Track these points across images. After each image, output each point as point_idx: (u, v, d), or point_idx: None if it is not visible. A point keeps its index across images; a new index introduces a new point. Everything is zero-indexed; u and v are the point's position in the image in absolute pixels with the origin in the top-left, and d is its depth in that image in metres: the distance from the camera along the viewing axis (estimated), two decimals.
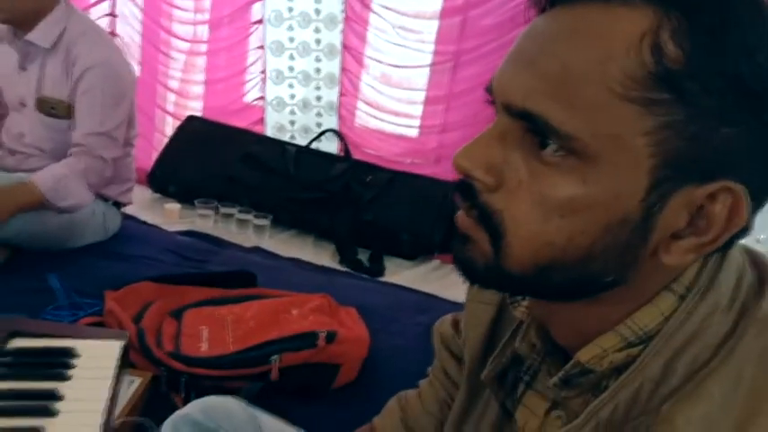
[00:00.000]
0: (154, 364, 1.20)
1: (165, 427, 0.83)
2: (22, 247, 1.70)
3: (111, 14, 2.78)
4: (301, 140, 2.62)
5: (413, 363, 1.02)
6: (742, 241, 0.46)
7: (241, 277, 1.61)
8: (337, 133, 2.58)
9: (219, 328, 1.33)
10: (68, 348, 0.90)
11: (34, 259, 1.69)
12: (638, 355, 0.45)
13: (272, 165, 2.38)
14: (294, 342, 1.26)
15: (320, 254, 2.21)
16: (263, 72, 2.66)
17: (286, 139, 2.65)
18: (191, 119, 2.60)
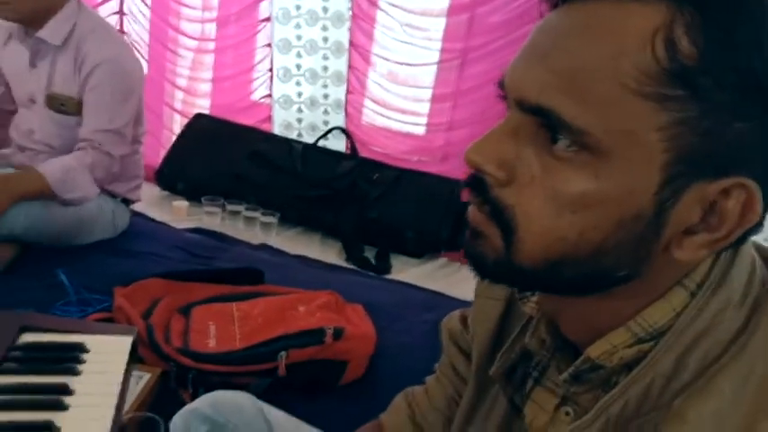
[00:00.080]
0: (162, 359, 1.20)
1: (175, 422, 0.84)
2: (31, 244, 1.71)
3: (120, 12, 2.79)
4: (308, 138, 2.62)
5: (419, 360, 1.02)
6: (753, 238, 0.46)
7: (249, 274, 1.61)
8: (344, 131, 2.58)
9: (227, 324, 1.34)
10: (78, 343, 0.91)
11: (43, 256, 1.70)
12: (650, 351, 0.45)
13: (279, 162, 2.38)
14: (301, 338, 1.26)
15: (327, 251, 2.21)
16: (270, 70, 2.67)
17: (293, 136, 2.65)
18: (198, 116, 2.61)
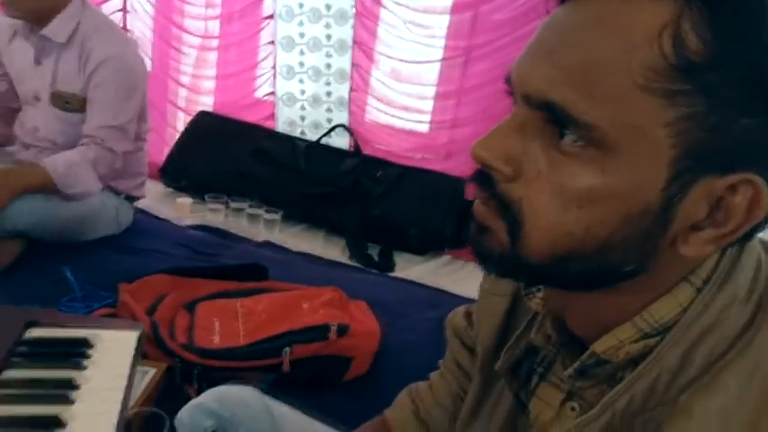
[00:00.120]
0: (167, 355, 1.21)
1: (181, 416, 0.84)
2: (36, 240, 1.72)
3: (123, 10, 2.79)
4: (312, 136, 2.62)
5: (423, 357, 1.02)
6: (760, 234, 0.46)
7: (253, 270, 1.62)
8: (347, 129, 2.58)
9: (231, 320, 1.35)
10: (84, 338, 0.91)
11: (48, 252, 1.71)
12: (655, 347, 0.45)
13: (282, 160, 2.39)
14: (305, 334, 1.27)
15: (330, 249, 2.22)
16: (273, 67, 2.67)
17: (296, 134, 2.65)
18: (202, 114, 2.62)
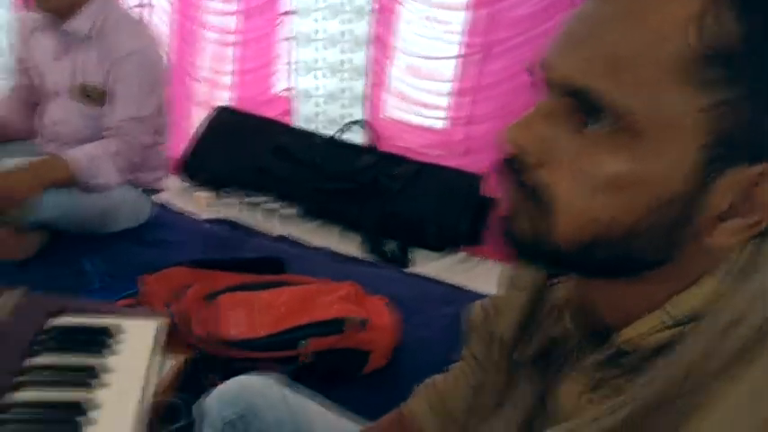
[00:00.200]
0: (188, 345, 1.22)
1: (203, 404, 0.85)
2: (59, 231, 1.74)
3: (142, 5, 2.82)
4: (328, 131, 2.63)
5: (440, 353, 1.02)
6: None
7: (271, 264, 1.64)
8: (364, 124, 2.58)
9: (251, 312, 1.36)
10: (108, 326, 0.93)
11: (70, 244, 1.74)
12: (682, 336, 0.45)
13: (299, 156, 2.40)
14: (323, 327, 1.28)
15: (347, 244, 2.22)
16: (290, 63, 2.68)
17: (314, 129, 2.66)
18: (221, 109, 2.64)
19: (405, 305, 1.65)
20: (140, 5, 2.79)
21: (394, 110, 2.58)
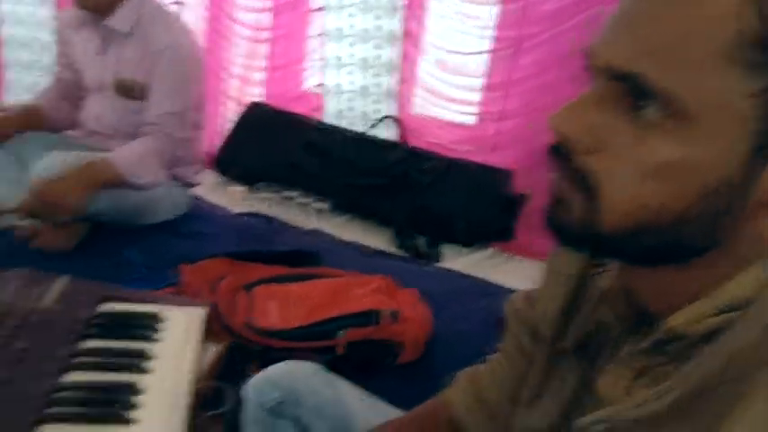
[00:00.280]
0: (228, 333, 1.25)
1: (248, 388, 0.87)
2: (99, 223, 1.79)
3: (177, 2, 2.86)
4: (359, 127, 2.64)
5: (471, 347, 1.02)
6: None
7: (307, 256, 1.66)
8: (395, 120, 2.59)
9: (287, 303, 1.39)
10: (155, 313, 0.96)
11: (110, 236, 1.79)
12: (730, 323, 0.45)
13: (331, 151, 2.42)
14: (358, 319, 1.30)
15: (377, 239, 2.24)
16: (322, 59, 2.69)
17: (344, 125, 2.68)
18: (254, 105, 2.67)
19: (435, 299, 1.66)
20: (176, 2, 2.83)
21: (424, 105, 2.58)
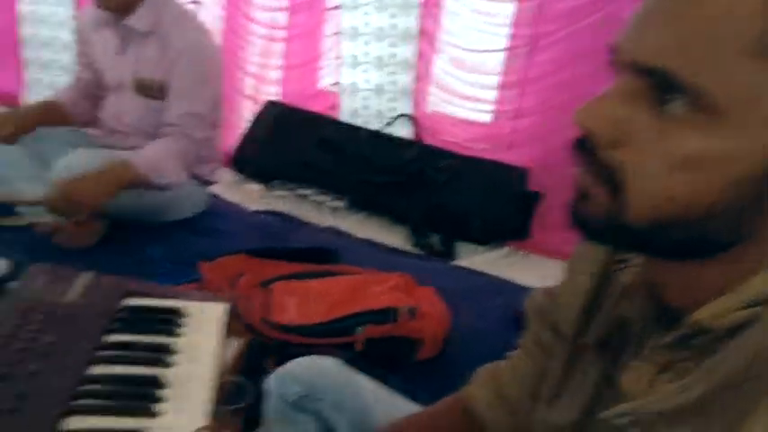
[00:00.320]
0: (247, 329, 1.27)
1: (270, 383, 0.89)
2: (120, 220, 1.81)
3: (194, 1, 2.88)
4: (375, 125, 2.64)
5: (489, 344, 1.02)
6: None
7: (326, 253, 1.68)
8: (411, 118, 2.59)
9: (306, 299, 1.40)
10: (178, 308, 0.97)
11: (131, 232, 1.81)
12: (756, 317, 0.45)
13: (346, 149, 2.43)
14: (377, 315, 1.30)
15: (392, 236, 2.25)
16: (338, 57, 2.70)
17: (360, 123, 2.69)
18: (271, 104, 2.69)
19: (451, 297, 1.66)
20: (193, 1, 2.85)
21: (440, 103, 2.58)
